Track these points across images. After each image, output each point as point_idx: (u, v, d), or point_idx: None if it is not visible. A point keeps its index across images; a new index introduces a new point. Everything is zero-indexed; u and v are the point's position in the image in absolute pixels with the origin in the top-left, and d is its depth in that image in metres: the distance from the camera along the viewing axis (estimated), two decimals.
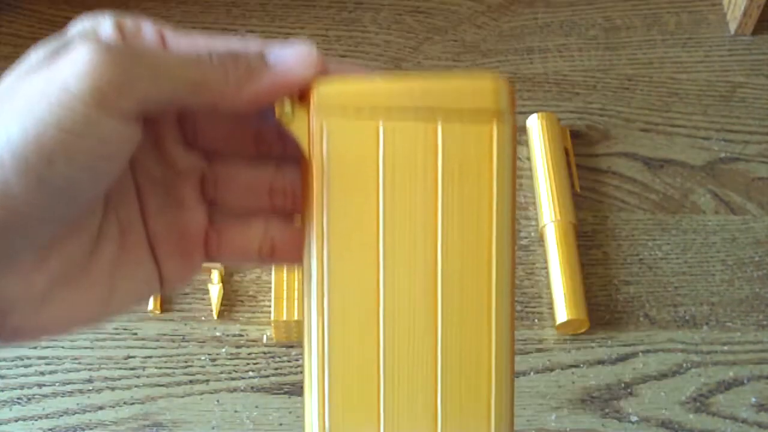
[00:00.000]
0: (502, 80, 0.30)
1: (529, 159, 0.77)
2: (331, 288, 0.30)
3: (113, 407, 0.66)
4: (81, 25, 0.29)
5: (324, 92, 0.30)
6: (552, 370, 0.68)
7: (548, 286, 0.71)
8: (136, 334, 0.69)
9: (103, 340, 0.69)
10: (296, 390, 0.67)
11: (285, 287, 0.69)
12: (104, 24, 0.29)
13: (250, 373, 0.67)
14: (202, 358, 0.68)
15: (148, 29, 0.29)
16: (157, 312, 0.70)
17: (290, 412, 0.66)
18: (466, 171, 0.30)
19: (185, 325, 0.69)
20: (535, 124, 0.77)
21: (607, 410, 0.66)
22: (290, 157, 0.32)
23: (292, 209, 0.33)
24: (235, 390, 0.67)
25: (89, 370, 0.67)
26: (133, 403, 0.66)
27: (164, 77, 0.27)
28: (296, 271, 0.69)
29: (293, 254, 0.32)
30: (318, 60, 0.30)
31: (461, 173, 0.30)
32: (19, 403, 0.66)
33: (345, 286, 0.30)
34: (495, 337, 0.30)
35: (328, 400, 0.30)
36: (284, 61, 0.29)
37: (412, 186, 0.30)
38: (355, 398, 0.30)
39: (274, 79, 0.29)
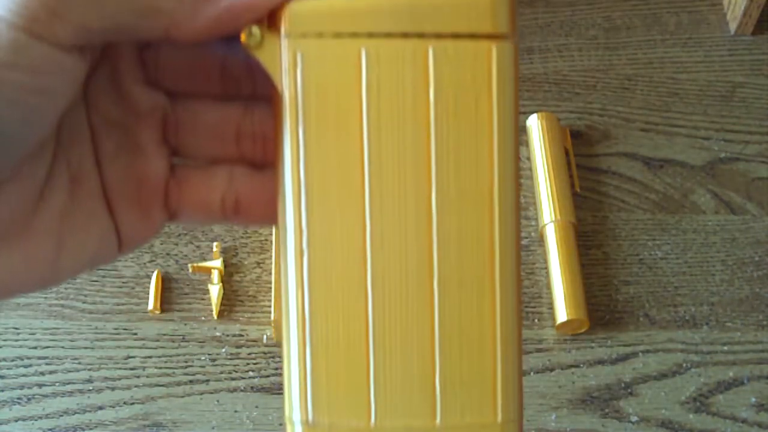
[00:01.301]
0: None
1: (529, 159, 0.77)
2: (311, 247, 0.26)
3: (113, 407, 0.66)
4: None
5: (297, 14, 0.26)
6: (552, 370, 0.68)
7: (548, 286, 0.71)
8: (136, 334, 0.69)
9: (103, 340, 0.69)
10: None
11: None
12: None
13: (250, 373, 0.67)
14: (202, 358, 0.68)
15: None
16: (157, 312, 0.70)
17: None
18: (461, 102, 0.26)
19: (185, 325, 0.69)
20: (535, 124, 0.77)
21: (607, 410, 0.66)
22: (261, 97, 0.29)
23: (262, 158, 0.29)
24: (235, 390, 0.67)
25: (89, 370, 0.67)
26: (133, 403, 0.66)
27: None
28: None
29: (261, 211, 0.29)
30: None
31: (456, 105, 0.26)
32: (19, 403, 0.66)
33: (326, 244, 0.26)
34: (499, 301, 0.26)
35: (311, 383, 0.26)
36: None
37: (401, 121, 0.26)
38: (341, 379, 0.26)
39: (236, 2, 0.25)
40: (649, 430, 0.66)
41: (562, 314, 0.68)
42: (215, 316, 0.69)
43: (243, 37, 0.26)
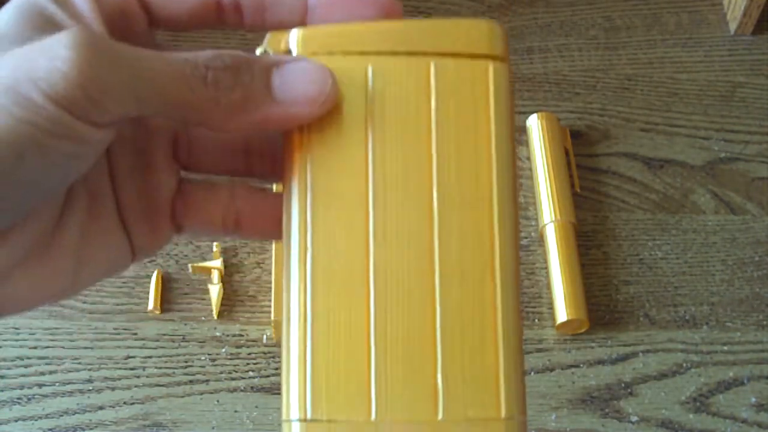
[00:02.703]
0: (497, 25, 0.28)
1: (529, 159, 0.77)
2: (315, 249, 0.27)
3: (113, 407, 0.66)
4: None
5: (308, 37, 0.27)
6: (552, 370, 0.68)
7: (548, 286, 0.71)
8: (136, 334, 0.69)
9: (103, 340, 0.69)
10: None
11: None
12: None
13: (250, 373, 0.67)
14: (202, 358, 0.68)
15: None
16: (157, 312, 0.70)
17: None
18: (461, 111, 0.28)
19: (185, 325, 0.69)
20: (535, 124, 0.77)
21: (607, 410, 0.66)
22: None
23: (270, 173, 0.30)
24: (235, 390, 0.67)
25: (89, 370, 0.67)
26: (133, 403, 0.66)
27: (149, 91, 0.24)
28: None
29: (260, 227, 0.30)
30: (331, 95, 0.26)
31: (457, 113, 0.28)
32: (19, 403, 0.66)
33: (330, 246, 0.27)
34: (500, 298, 0.27)
35: (310, 381, 0.26)
36: (291, 92, 0.26)
37: (405, 131, 0.27)
38: (341, 376, 0.26)
39: (272, 114, 0.26)
40: (649, 430, 0.66)
41: (562, 314, 0.68)
42: (215, 316, 0.69)
43: (257, 53, 0.27)
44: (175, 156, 0.30)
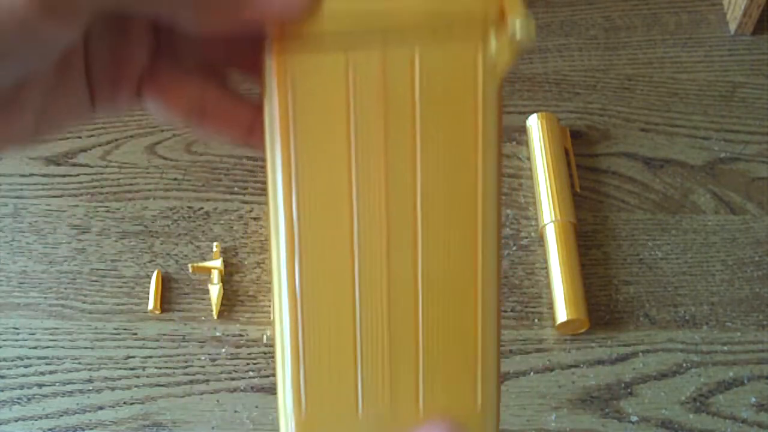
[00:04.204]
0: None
1: (529, 159, 0.77)
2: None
3: (113, 407, 0.66)
4: None
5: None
6: (552, 370, 0.68)
7: (548, 286, 0.71)
8: (136, 334, 0.69)
9: (103, 340, 0.69)
10: None
11: None
12: None
13: (250, 373, 0.67)
14: (202, 358, 0.68)
15: None
16: (157, 312, 0.70)
17: None
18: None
19: (185, 325, 0.69)
20: (535, 124, 0.77)
21: (607, 410, 0.66)
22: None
23: (251, 65, 0.29)
24: (235, 390, 0.67)
25: (89, 370, 0.67)
26: (133, 403, 0.66)
27: None
28: None
29: (226, 129, 0.30)
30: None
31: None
32: (19, 403, 0.66)
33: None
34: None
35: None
36: None
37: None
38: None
39: (246, 14, 0.25)
40: (649, 430, 0.66)
41: (562, 314, 0.68)
42: (215, 316, 0.69)
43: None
44: (155, 28, 0.29)
